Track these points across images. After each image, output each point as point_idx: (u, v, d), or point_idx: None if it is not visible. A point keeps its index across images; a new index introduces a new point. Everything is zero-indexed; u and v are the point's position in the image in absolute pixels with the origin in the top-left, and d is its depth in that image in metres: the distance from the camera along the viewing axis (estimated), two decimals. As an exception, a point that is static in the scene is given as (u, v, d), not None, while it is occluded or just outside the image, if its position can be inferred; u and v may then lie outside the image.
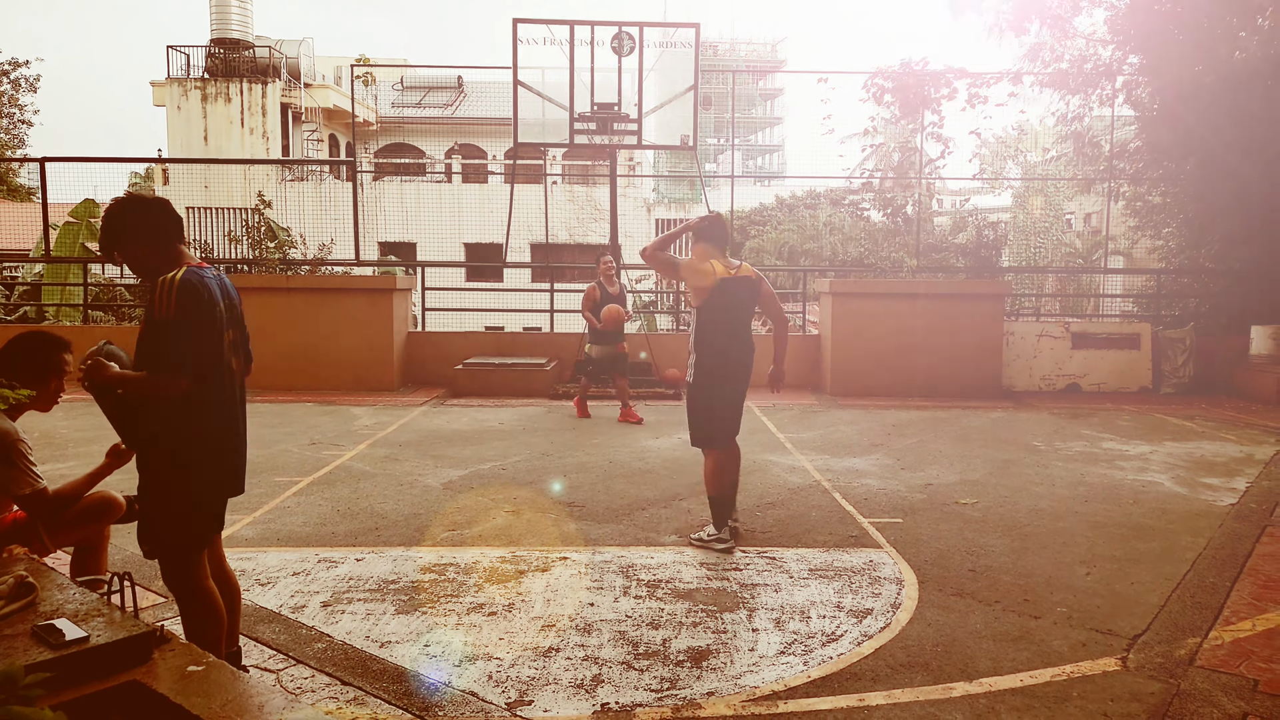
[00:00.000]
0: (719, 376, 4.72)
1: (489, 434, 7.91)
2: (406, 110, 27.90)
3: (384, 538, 4.80)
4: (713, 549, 4.61)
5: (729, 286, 4.67)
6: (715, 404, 4.72)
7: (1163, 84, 12.73)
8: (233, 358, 2.87)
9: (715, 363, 4.70)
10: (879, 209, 14.48)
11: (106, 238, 2.77)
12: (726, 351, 4.72)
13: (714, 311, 4.68)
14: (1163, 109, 13.06)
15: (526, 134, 10.36)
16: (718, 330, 4.70)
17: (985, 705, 2.97)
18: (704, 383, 4.73)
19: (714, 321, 4.69)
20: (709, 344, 4.71)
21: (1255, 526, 5.14)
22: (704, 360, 4.72)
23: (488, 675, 3.16)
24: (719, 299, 4.65)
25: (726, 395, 4.77)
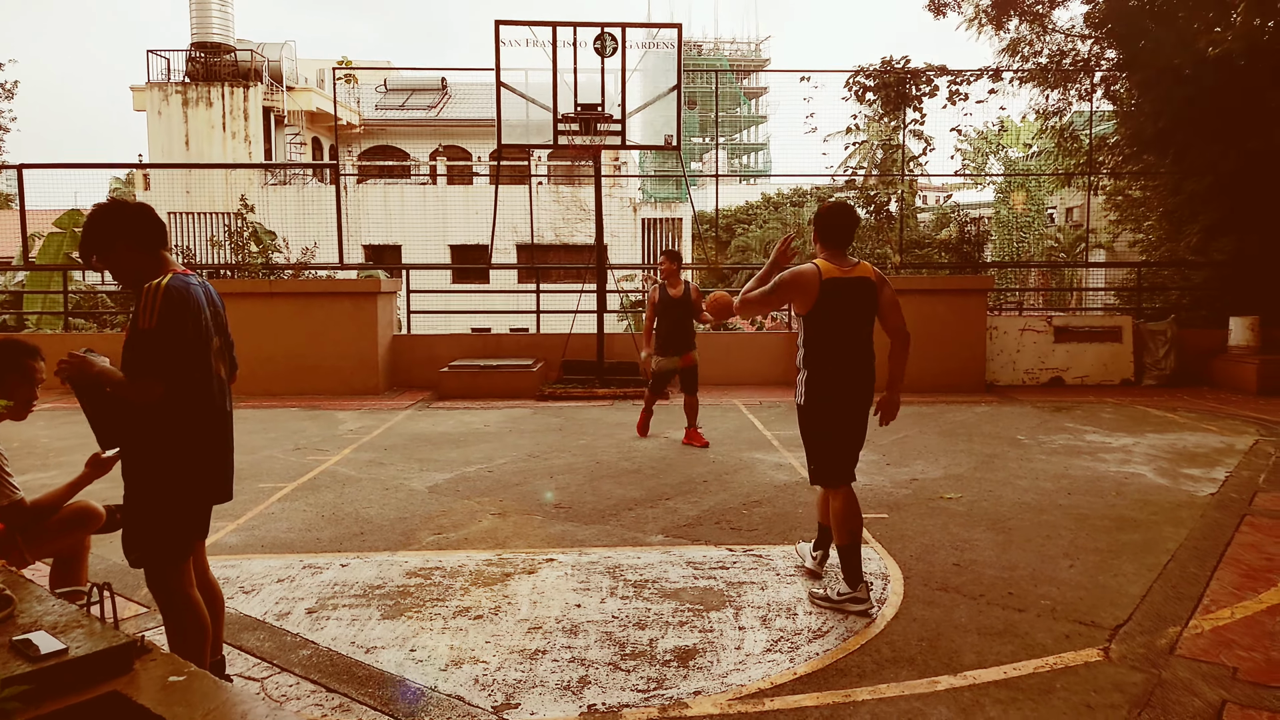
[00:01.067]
0: (836, 399, 3.94)
1: (475, 436, 7.89)
2: (390, 113, 27.80)
3: (369, 543, 4.78)
4: (847, 610, 3.77)
5: (839, 289, 3.84)
6: (834, 431, 3.95)
7: (1141, 78, 12.84)
8: (220, 364, 2.85)
9: (829, 382, 3.93)
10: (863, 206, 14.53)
11: (87, 243, 2.75)
12: (842, 368, 3.92)
13: (822, 319, 3.88)
14: (1141, 103, 13.18)
15: (510, 135, 10.34)
16: (828, 342, 3.90)
17: (970, 699, 2.99)
18: (818, 406, 3.94)
19: (823, 331, 3.90)
20: (820, 359, 3.92)
21: (1235, 516, 5.19)
22: (816, 379, 3.94)
23: (474, 679, 3.15)
24: (826, 304, 3.84)
25: (845, 421, 3.96)
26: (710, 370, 11.32)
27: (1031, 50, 14.05)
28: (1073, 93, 14.22)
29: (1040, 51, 14.05)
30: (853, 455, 4.00)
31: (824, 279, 3.81)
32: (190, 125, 23.70)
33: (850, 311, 3.89)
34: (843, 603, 3.80)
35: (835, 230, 3.92)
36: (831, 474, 3.96)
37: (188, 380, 2.70)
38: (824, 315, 3.87)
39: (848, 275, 3.86)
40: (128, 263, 2.73)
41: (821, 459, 3.99)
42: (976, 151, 27.16)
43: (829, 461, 3.97)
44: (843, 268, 3.86)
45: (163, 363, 2.62)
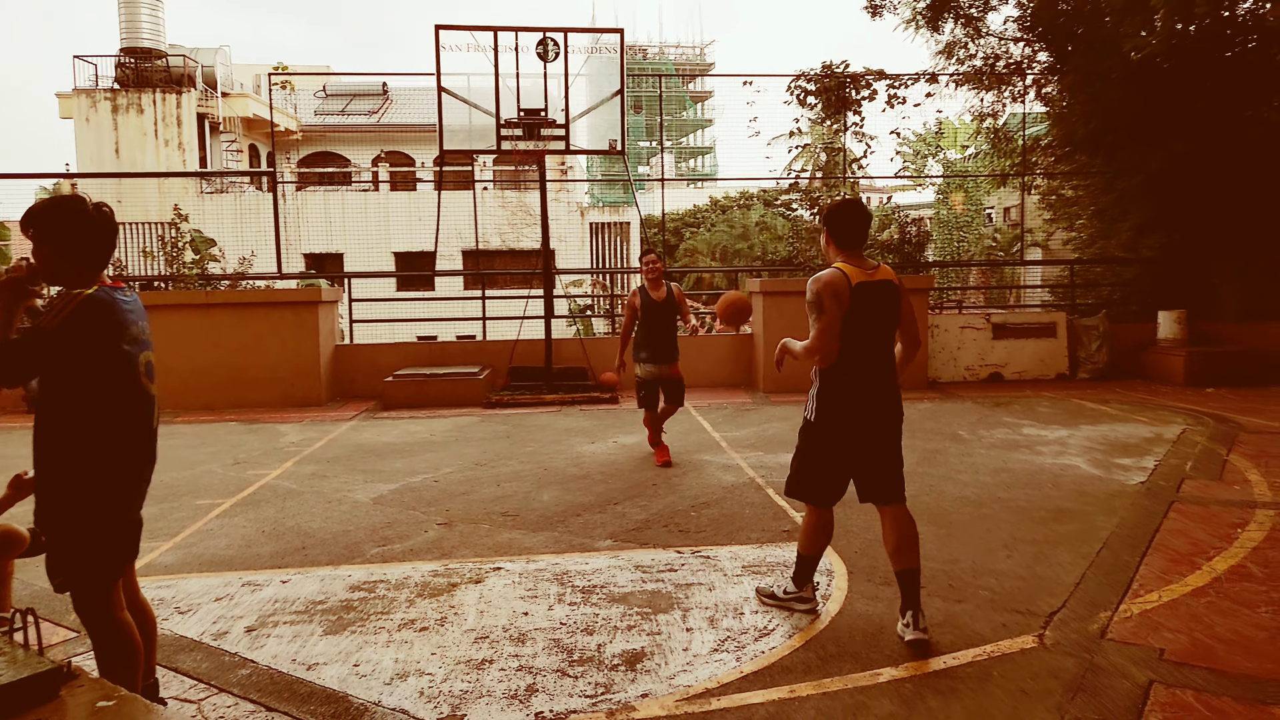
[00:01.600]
0: (851, 416, 3.51)
1: (421, 446, 7.80)
2: (330, 118, 27.38)
3: (311, 557, 4.70)
4: (793, 609, 3.75)
5: (868, 294, 3.45)
6: (839, 452, 3.56)
7: (1071, 81, 13.24)
8: (148, 382, 2.77)
9: (846, 397, 3.50)
10: (807, 208, 14.73)
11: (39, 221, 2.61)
12: (862, 381, 3.50)
13: (847, 328, 3.45)
14: (1072, 104, 13.59)
15: (452, 141, 10.26)
16: (850, 351, 3.48)
17: (911, 690, 3.05)
18: (829, 424, 3.53)
19: (846, 342, 3.46)
20: (838, 370, 3.50)
21: (1163, 503, 5.38)
22: (831, 392, 3.52)
23: (419, 691, 3.12)
24: (854, 311, 3.43)
25: (855, 442, 3.54)
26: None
27: (966, 53, 14.39)
28: (1006, 94, 14.61)
29: (975, 54, 14.40)
30: (847, 479, 3.62)
31: (854, 284, 3.42)
32: (121, 133, 23.04)
33: (876, 318, 3.48)
34: (789, 601, 3.77)
35: (850, 229, 3.54)
36: (813, 491, 3.65)
37: (110, 398, 2.62)
38: (850, 323, 3.43)
39: (873, 279, 3.48)
40: (53, 264, 2.63)
41: (809, 473, 3.64)
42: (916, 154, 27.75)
43: (817, 479, 3.62)
44: (866, 270, 3.48)
45: (36, 364, 2.53)
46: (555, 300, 10.84)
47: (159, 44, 24.12)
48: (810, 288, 3.46)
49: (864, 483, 3.61)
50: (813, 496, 3.68)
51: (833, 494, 3.66)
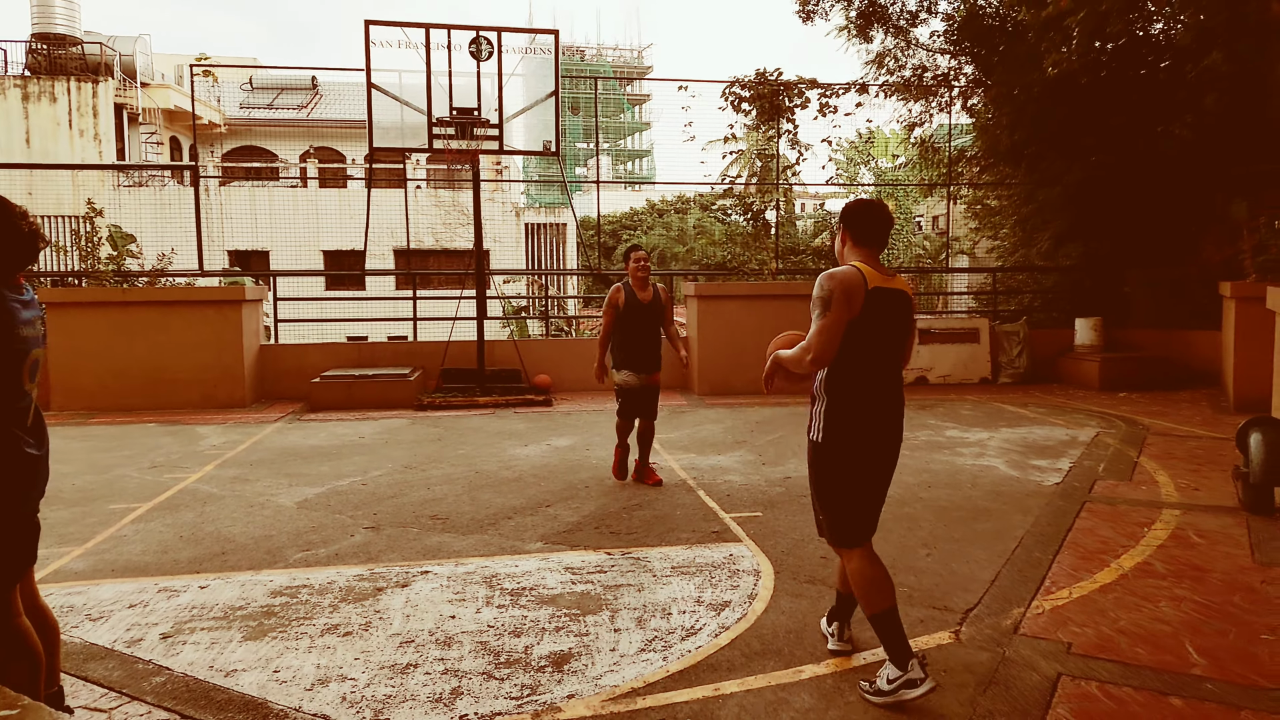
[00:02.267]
0: (865, 437, 3.15)
1: (349, 449, 7.66)
2: (256, 112, 26.65)
3: (231, 562, 4.57)
4: (903, 698, 2.96)
5: (884, 301, 3.09)
6: (858, 478, 3.16)
7: (995, 94, 13.70)
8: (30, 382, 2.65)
9: (859, 415, 3.13)
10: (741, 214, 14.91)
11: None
12: (875, 397, 3.16)
13: (858, 336, 3.08)
14: (996, 117, 14.05)
15: (383, 138, 10.09)
16: (862, 365, 3.11)
17: (831, 685, 3.12)
18: (841, 446, 3.13)
19: (856, 351, 3.09)
20: (848, 385, 3.13)
21: (1076, 503, 5.60)
22: (841, 411, 3.14)
23: (341, 697, 3.06)
24: (868, 318, 3.07)
25: (872, 464, 3.19)
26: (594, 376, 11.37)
27: (896, 63, 14.77)
28: (934, 105, 15.03)
29: (904, 65, 14.79)
30: (877, 506, 3.25)
31: (870, 287, 3.07)
32: (31, 122, 22.04)
33: (890, 328, 3.15)
34: (896, 690, 2.97)
35: (872, 228, 3.21)
36: (850, 530, 3.18)
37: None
38: (862, 331, 3.07)
39: (890, 285, 3.13)
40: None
41: (839, 511, 3.19)
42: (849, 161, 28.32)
43: (849, 515, 3.18)
44: (885, 275, 3.14)
45: None
46: (489, 301, 10.75)
47: (74, 30, 23.15)
48: (821, 283, 3.08)
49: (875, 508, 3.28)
50: (857, 534, 3.17)
51: (866, 526, 3.20)
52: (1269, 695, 3.03)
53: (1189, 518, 5.21)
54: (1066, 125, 12.62)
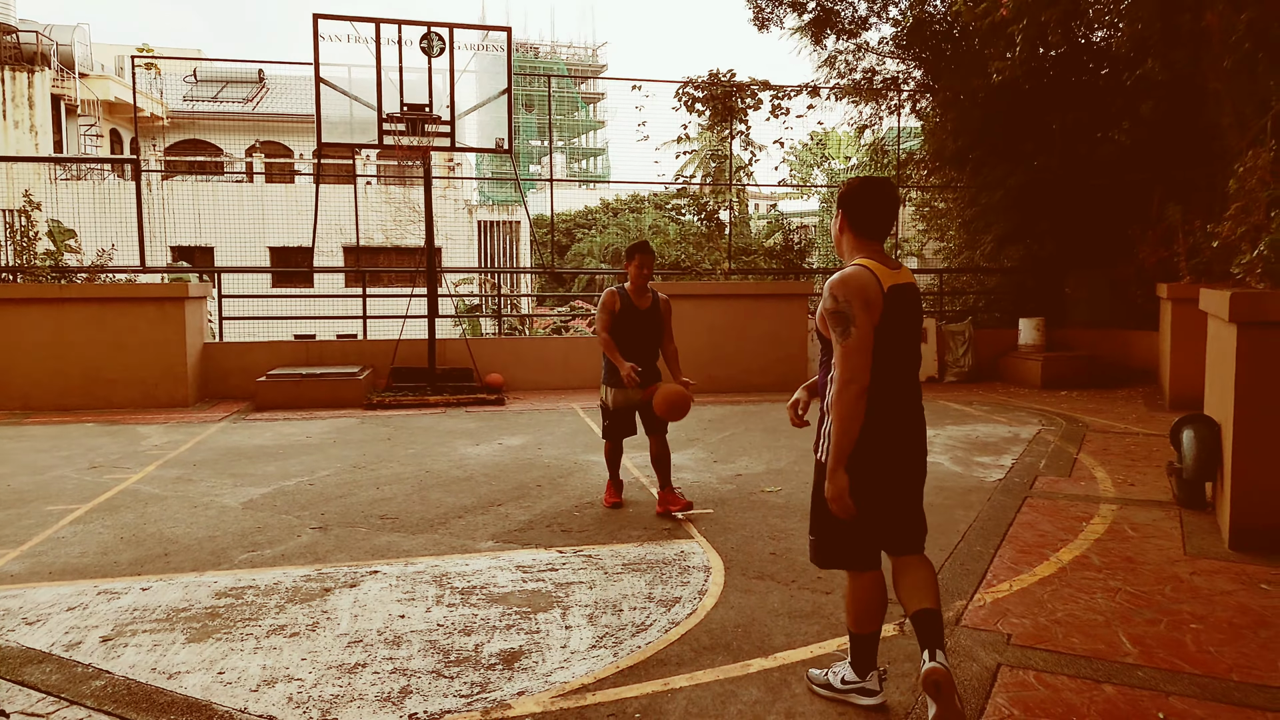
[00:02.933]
0: (880, 457, 2.80)
1: (295, 448, 7.54)
2: (200, 105, 26.06)
3: (174, 564, 4.48)
4: (851, 701, 2.95)
5: (899, 300, 2.75)
6: (867, 502, 2.80)
7: (942, 98, 13.99)
8: None
9: (874, 432, 2.76)
10: (696, 213, 14.99)
11: None
12: (893, 412, 2.80)
13: (880, 341, 2.73)
14: (943, 121, 14.34)
15: (332, 134, 9.95)
16: (879, 372, 2.74)
17: (778, 678, 3.18)
18: (851, 466, 2.77)
19: (877, 359, 2.73)
20: (871, 395, 2.75)
21: (1017, 499, 5.75)
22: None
23: (288, 697, 3.03)
24: (888, 323, 2.72)
25: (886, 488, 2.84)
26: (548, 375, 11.36)
27: (847, 66, 14.99)
28: (884, 108, 15.28)
29: (855, 68, 15.02)
30: (891, 529, 2.91)
31: (887, 287, 2.71)
32: (-36, 112, 21.26)
33: (906, 329, 2.80)
34: (847, 693, 2.96)
35: (876, 214, 2.81)
36: (847, 552, 2.90)
37: None
38: (881, 335, 2.71)
39: (900, 281, 2.78)
40: None
41: (831, 533, 2.91)
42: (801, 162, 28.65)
43: (841, 538, 2.88)
44: (892, 269, 2.77)
45: None
46: (441, 299, 10.66)
47: (8, 19, 22.39)
48: (831, 294, 2.70)
49: (896, 528, 2.94)
50: (849, 559, 2.92)
51: (873, 550, 2.92)
52: (1194, 680, 3.15)
53: (1125, 512, 5.39)
54: (1009, 130, 12.94)
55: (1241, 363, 4.67)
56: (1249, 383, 4.66)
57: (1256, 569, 4.34)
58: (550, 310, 20.31)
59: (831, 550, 2.96)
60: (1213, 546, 4.70)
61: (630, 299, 5.56)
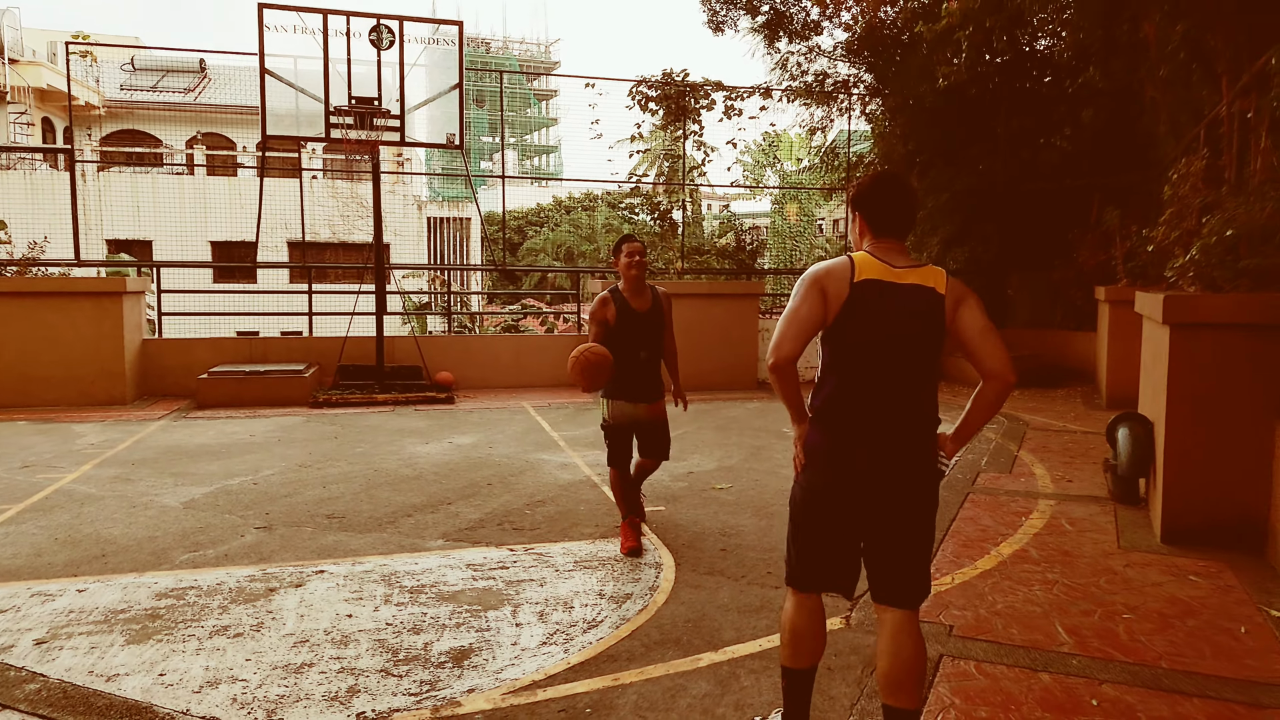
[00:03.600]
0: (843, 471, 2.54)
1: (239, 447, 7.38)
2: (139, 94, 25.31)
3: (112, 565, 4.36)
4: None
5: (878, 297, 2.50)
6: (827, 518, 2.59)
7: (892, 103, 14.24)
8: None
9: (838, 443, 2.55)
10: (649, 213, 15.03)
11: None
12: (865, 424, 2.54)
13: (843, 339, 2.53)
14: (892, 125, 14.60)
15: (277, 126, 9.75)
16: (850, 377, 2.55)
17: (727, 671, 3.21)
18: (815, 478, 2.60)
19: (843, 359, 2.55)
20: (832, 402, 2.58)
21: (960, 494, 5.89)
22: (821, 433, 2.60)
23: (232, 698, 2.97)
24: (854, 316, 2.50)
25: (851, 507, 2.56)
26: (499, 374, 11.28)
27: (799, 69, 15.16)
28: (835, 110, 15.50)
29: (807, 71, 15.20)
30: (845, 557, 2.62)
31: (857, 279, 2.50)
32: (-115, 97, 20.36)
33: (891, 332, 2.50)
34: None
35: (885, 210, 2.63)
36: (799, 572, 2.66)
37: None
38: (847, 333, 2.51)
39: (897, 280, 2.51)
40: None
41: (791, 543, 2.69)
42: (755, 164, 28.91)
43: (803, 555, 2.64)
44: (893, 266, 2.53)
45: None
46: (389, 296, 10.52)
47: (-66, 0, 21.50)
48: (801, 278, 2.62)
49: (871, 569, 2.63)
50: (799, 575, 2.66)
51: (816, 573, 2.64)
52: (1126, 668, 3.27)
53: (1062, 507, 5.55)
54: (956, 135, 13.23)
55: (1174, 363, 4.84)
56: (1180, 382, 4.84)
57: (1186, 561, 4.50)
58: (501, 308, 20.19)
59: (792, 560, 2.69)
60: (1145, 540, 4.87)
61: (626, 301, 4.70)
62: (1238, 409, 4.73)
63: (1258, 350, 4.68)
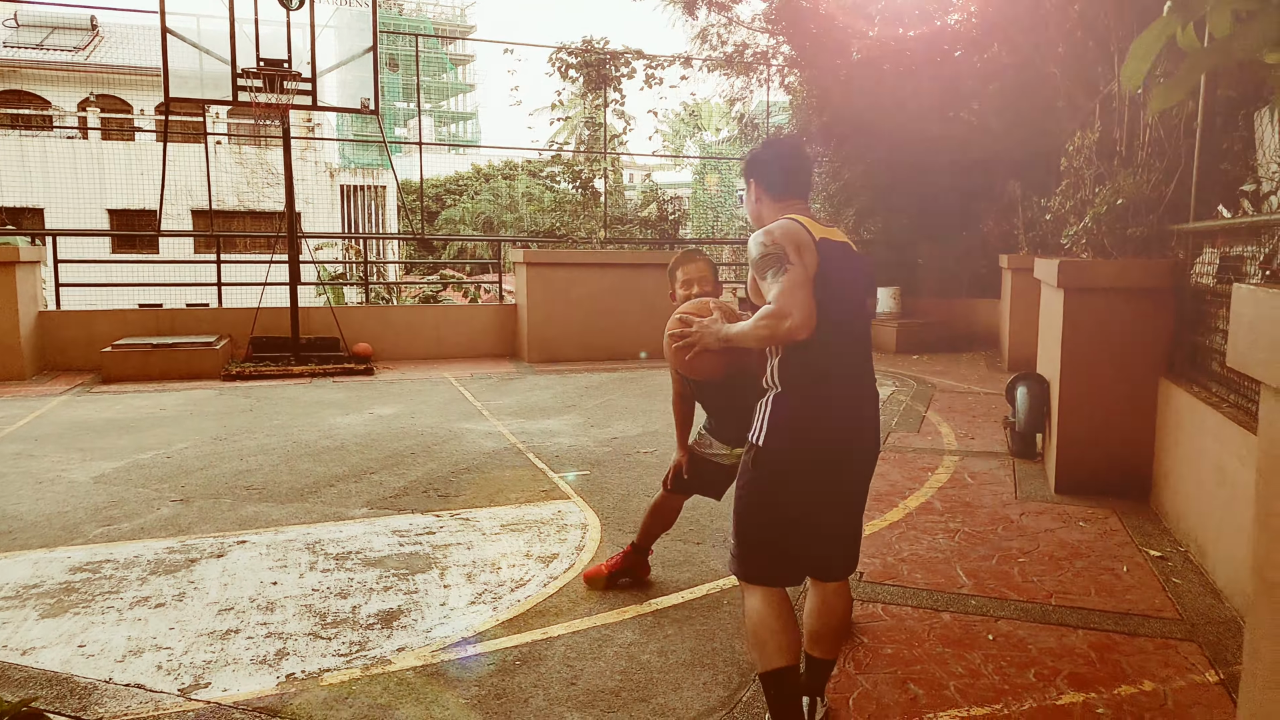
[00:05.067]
0: (822, 444, 2.39)
1: (150, 421, 7.16)
2: (23, 52, 23.79)
3: (21, 541, 4.23)
4: None
5: (836, 255, 2.39)
6: (793, 498, 2.39)
7: (809, 75, 14.47)
8: None
9: (815, 411, 2.37)
10: (570, 181, 14.98)
11: None
12: (840, 387, 2.41)
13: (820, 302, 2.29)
14: (809, 97, 14.84)
15: (181, 88, 9.35)
16: (828, 341, 2.35)
17: (652, 621, 3.34)
18: (787, 453, 2.38)
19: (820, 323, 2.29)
20: (811, 371, 2.37)
21: (872, 452, 6.15)
22: (797, 405, 2.38)
23: (157, 665, 2.96)
24: (827, 277, 2.33)
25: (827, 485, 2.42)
26: (420, 345, 11.16)
27: (720, 40, 15.25)
28: (754, 82, 15.66)
29: (727, 41, 15.30)
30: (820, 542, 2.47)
31: (818, 238, 2.35)
32: None
33: (851, 292, 2.42)
34: None
35: (789, 169, 2.52)
36: (766, 563, 2.42)
37: None
38: (821, 295, 2.30)
39: (835, 238, 2.44)
40: None
41: (755, 536, 2.42)
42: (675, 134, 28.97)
43: (765, 544, 2.41)
44: (826, 226, 2.43)
45: None
46: (303, 266, 10.27)
47: None
48: (759, 241, 2.33)
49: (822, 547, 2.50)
50: (767, 572, 2.42)
51: (795, 564, 2.47)
52: (1019, 606, 3.52)
53: (965, 462, 5.87)
54: (870, 108, 13.55)
55: (1067, 325, 5.15)
56: (1073, 343, 5.16)
57: (1076, 509, 4.84)
58: (420, 279, 19.86)
59: (751, 555, 2.42)
60: (1040, 491, 5.20)
61: None
62: (1125, 368, 5.07)
63: (1142, 312, 5.02)
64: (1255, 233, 3.91)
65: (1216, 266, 4.37)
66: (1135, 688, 2.85)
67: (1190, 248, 4.76)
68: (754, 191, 2.59)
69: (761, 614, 2.38)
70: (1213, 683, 2.88)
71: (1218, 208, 4.47)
